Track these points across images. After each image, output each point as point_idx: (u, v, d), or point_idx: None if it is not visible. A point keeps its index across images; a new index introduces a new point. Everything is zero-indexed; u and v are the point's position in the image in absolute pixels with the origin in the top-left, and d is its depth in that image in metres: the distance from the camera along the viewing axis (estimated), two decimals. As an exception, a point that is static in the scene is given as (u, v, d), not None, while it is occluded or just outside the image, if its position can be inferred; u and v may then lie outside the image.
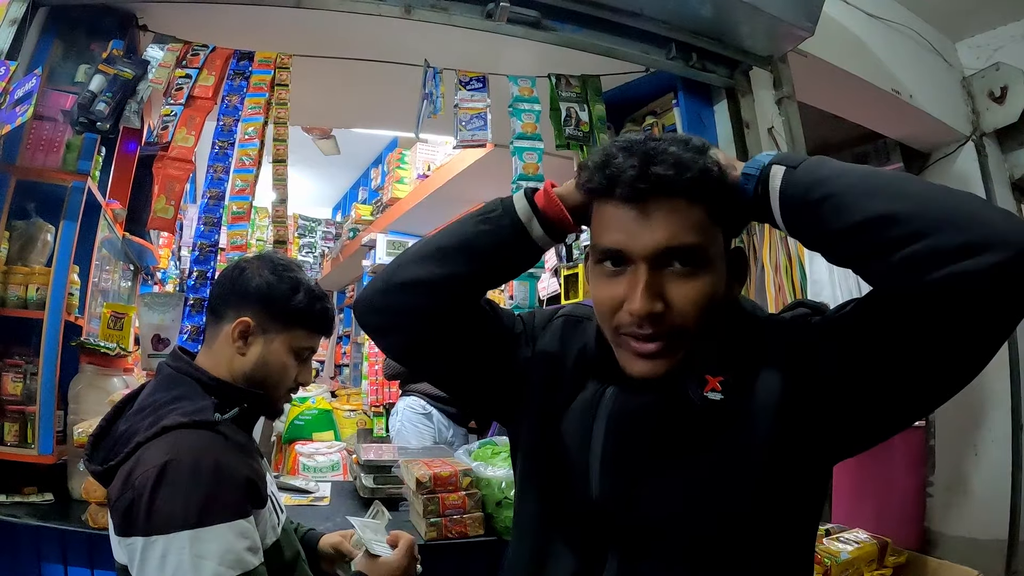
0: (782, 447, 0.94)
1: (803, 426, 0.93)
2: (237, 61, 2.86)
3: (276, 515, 1.45)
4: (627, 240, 0.93)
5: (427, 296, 1.07)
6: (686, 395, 0.97)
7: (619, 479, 1.01)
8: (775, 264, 2.63)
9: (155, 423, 1.26)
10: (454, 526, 2.24)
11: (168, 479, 1.16)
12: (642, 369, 0.96)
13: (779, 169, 0.90)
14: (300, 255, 8.87)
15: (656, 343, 0.94)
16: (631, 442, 1.01)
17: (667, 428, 0.99)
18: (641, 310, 0.91)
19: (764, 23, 2.94)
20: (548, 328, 1.20)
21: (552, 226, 1.05)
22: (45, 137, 2.55)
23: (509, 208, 1.06)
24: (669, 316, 0.93)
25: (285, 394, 1.54)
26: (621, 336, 0.97)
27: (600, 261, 0.98)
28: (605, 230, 0.96)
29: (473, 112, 2.96)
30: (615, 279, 0.95)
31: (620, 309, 0.95)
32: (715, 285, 0.95)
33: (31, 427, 2.31)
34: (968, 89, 4.37)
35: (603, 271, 0.98)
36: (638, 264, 0.93)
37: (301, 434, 4.41)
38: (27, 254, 2.48)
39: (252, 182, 2.71)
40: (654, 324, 0.92)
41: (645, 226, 0.92)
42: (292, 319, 1.49)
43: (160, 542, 1.13)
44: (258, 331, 1.47)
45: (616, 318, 0.96)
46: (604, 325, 1.00)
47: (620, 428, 1.02)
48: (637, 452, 1.01)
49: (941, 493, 4.03)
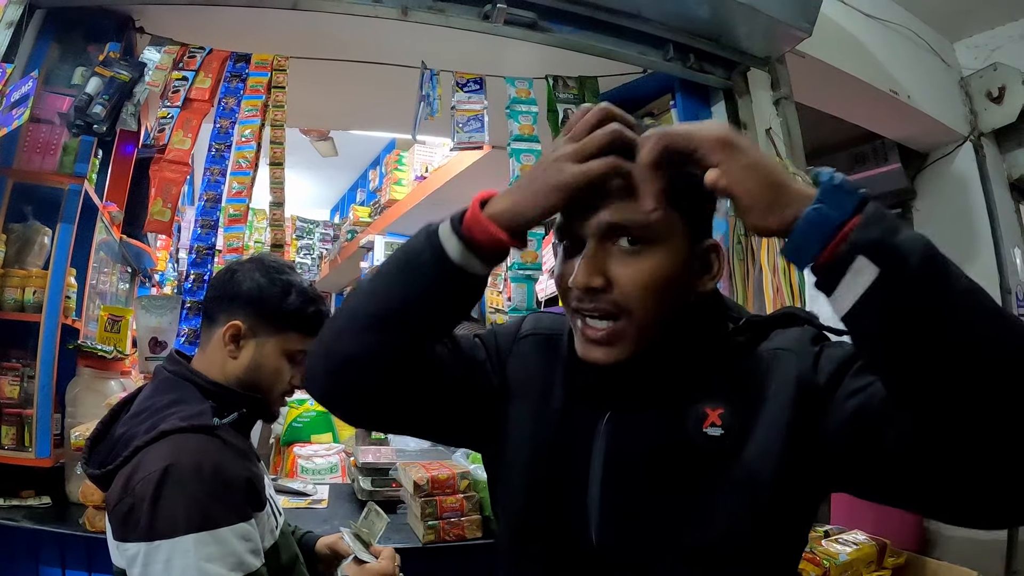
0: (785, 485, 0.90)
1: (805, 469, 0.90)
2: (234, 63, 2.86)
3: (274, 518, 1.45)
4: (576, 219, 0.92)
5: (374, 372, 0.97)
6: (685, 430, 0.94)
7: (622, 525, 0.97)
8: (773, 266, 2.63)
9: (154, 427, 1.26)
10: (452, 529, 2.24)
11: (170, 484, 1.16)
12: (595, 355, 0.93)
13: (868, 266, 0.70)
14: (298, 257, 8.86)
15: (604, 325, 0.92)
16: (632, 486, 0.97)
17: (668, 467, 0.95)
18: (580, 282, 0.89)
19: (762, 24, 2.94)
20: (515, 351, 1.13)
21: (490, 253, 0.92)
22: (42, 140, 2.55)
23: (437, 249, 0.91)
24: (611, 292, 0.90)
25: (279, 397, 1.54)
26: (575, 316, 0.95)
27: (558, 241, 0.97)
28: (566, 209, 0.92)
29: (470, 114, 2.95)
30: (570, 258, 0.94)
31: (570, 288, 0.93)
32: (667, 268, 0.91)
33: (28, 430, 2.31)
34: (966, 89, 4.38)
35: (561, 251, 0.97)
36: (589, 240, 0.91)
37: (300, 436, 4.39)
38: (24, 257, 2.48)
39: (249, 185, 2.71)
40: (594, 299, 0.91)
41: (597, 203, 0.90)
42: (284, 322, 1.49)
43: (164, 547, 1.13)
44: (249, 334, 1.46)
45: (568, 296, 0.95)
46: (564, 306, 0.98)
47: (620, 471, 0.98)
48: (639, 496, 0.96)
49: (941, 493, 4.01)
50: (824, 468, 0.89)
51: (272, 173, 2.87)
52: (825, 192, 0.74)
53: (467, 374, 1.09)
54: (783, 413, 0.90)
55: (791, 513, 0.94)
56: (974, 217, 4.17)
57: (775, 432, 0.90)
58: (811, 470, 0.89)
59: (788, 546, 0.99)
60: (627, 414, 0.99)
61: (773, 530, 0.93)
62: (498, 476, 1.13)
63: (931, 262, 0.69)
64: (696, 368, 0.96)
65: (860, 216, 0.71)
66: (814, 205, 0.73)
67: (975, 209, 4.17)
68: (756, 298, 2.69)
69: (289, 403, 4.56)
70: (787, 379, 0.92)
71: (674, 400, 0.95)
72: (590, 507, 0.98)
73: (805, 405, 0.89)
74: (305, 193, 8.96)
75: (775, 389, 0.92)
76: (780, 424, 0.90)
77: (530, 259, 2.78)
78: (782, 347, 0.95)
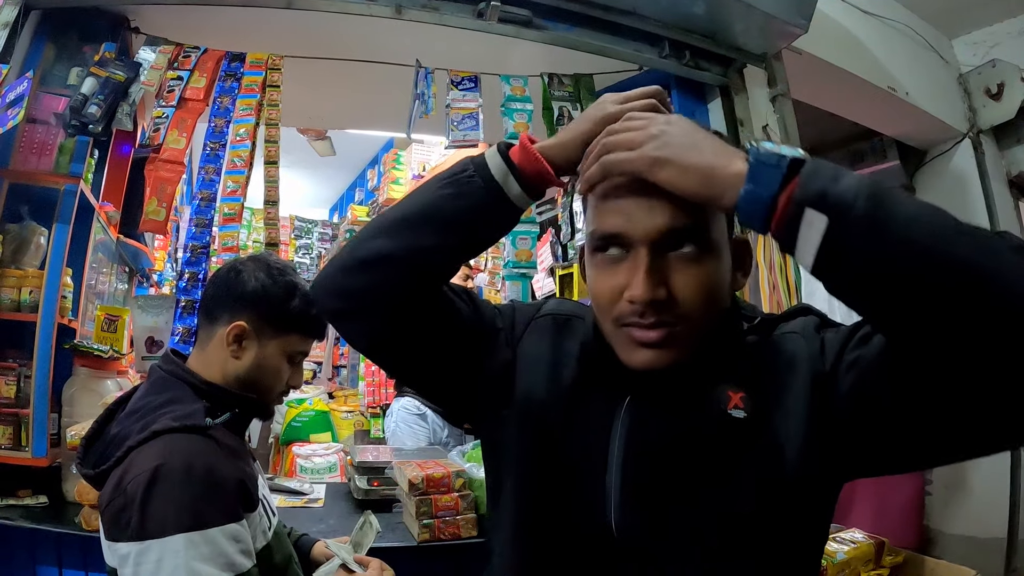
0: (808, 470, 0.88)
1: (826, 452, 0.88)
2: (228, 63, 2.86)
3: (267, 519, 1.44)
4: (627, 223, 0.87)
5: (390, 274, 0.95)
6: (708, 413, 0.91)
7: (644, 510, 0.93)
8: (769, 262, 2.62)
9: (146, 427, 1.25)
10: (447, 527, 2.24)
11: (160, 484, 1.16)
12: (643, 359, 0.89)
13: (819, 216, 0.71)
14: (296, 256, 8.85)
15: (660, 331, 0.87)
16: (655, 470, 0.93)
17: (690, 451, 0.92)
18: (643, 296, 0.85)
19: (757, 20, 2.93)
20: (531, 328, 1.10)
21: (530, 182, 0.95)
22: (37, 140, 2.55)
23: (481, 166, 0.95)
24: (673, 304, 0.86)
25: (277, 397, 1.54)
26: (621, 328, 0.90)
27: (599, 249, 0.92)
28: (603, 215, 0.90)
29: (465, 112, 2.95)
30: (615, 267, 0.90)
31: (619, 300, 0.89)
32: (720, 272, 0.90)
33: (25, 430, 2.31)
34: (965, 86, 4.36)
35: (602, 260, 0.91)
36: (639, 249, 0.87)
37: (298, 435, 4.42)
38: (20, 257, 2.47)
39: (243, 184, 2.71)
40: (657, 312, 0.86)
41: (645, 207, 0.86)
42: (287, 324, 1.49)
43: (155, 547, 1.12)
44: (253, 335, 1.46)
45: (616, 309, 0.89)
46: (603, 319, 0.93)
47: (643, 454, 0.94)
48: (661, 480, 0.93)
49: (940, 491, 4.01)
50: (841, 448, 0.87)
51: (267, 172, 2.87)
52: (752, 172, 0.77)
53: (481, 333, 1.08)
54: (801, 398, 0.89)
55: (814, 500, 0.92)
56: (973, 214, 4.13)
57: (796, 417, 0.89)
58: (831, 452, 0.88)
59: (811, 536, 0.97)
60: (648, 400, 0.96)
61: (797, 517, 0.91)
62: (500, 456, 1.08)
63: (876, 198, 0.71)
64: (717, 361, 0.94)
65: (798, 178, 0.74)
66: (744, 187, 0.77)
67: (974, 206, 4.15)
68: (752, 295, 2.69)
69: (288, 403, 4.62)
70: (799, 364, 0.91)
71: (695, 387, 0.93)
72: (609, 491, 0.95)
73: (817, 388, 0.88)
74: (303, 193, 8.98)
75: (790, 376, 0.91)
76: (799, 409, 0.89)
77: (524, 257, 2.78)
78: (789, 330, 0.95)
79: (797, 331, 0.94)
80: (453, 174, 0.97)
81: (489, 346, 1.08)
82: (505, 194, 0.95)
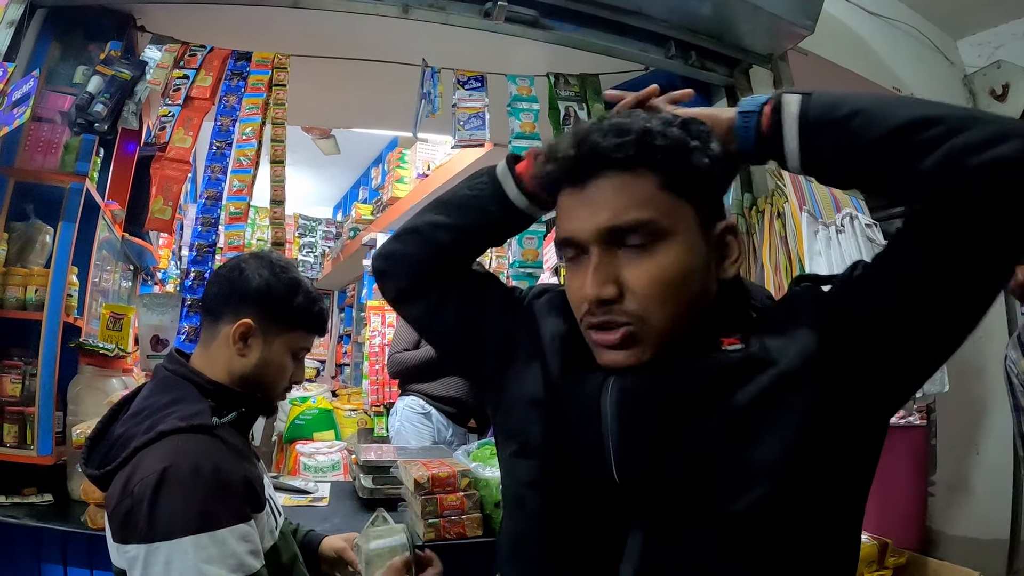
0: (819, 401, 0.85)
1: (840, 376, 0.85)
2: (235, 61, 2.86)
3: (274, 518, 1.44)
4: (575, 226, 0.90)
5: (421, 243, 1.17)
6: (703, 359, 0.89)
7: (639, 447, 0.91)
8: (775, 264, 2.62)
9: (152, 428, 1.25)
10: (452, 527, 2.24)
11: (168, 485, 1.15)
12: (608, 360, 0.91)
13: (793, 96, 0.88)
14: (300, 255, 8.87)
15: (617, 332, 0.88)
16: (648, 407, 0.91)
17: (687, 388, 0.89)
18: (590, 293, 0.87)
19: (763, 21, 2.92)
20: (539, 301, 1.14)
21: (526, 188, 1.09)
22: (43, 138, 2.55)
23: (491, 169, 1.14)
24: (625, 301, 0.87)
25: (281, 393, 1.54)
26: (588, 331, 0.92)
27: (563, 255, 0.95)
28: (560, 221, 0.94)
29: (471, 111, 2.95)
30: (576, 270, 0.92)
31: (581, 303, 0.91)
32: (681, 262, 0.88)
33: (30, 428, 2.31)
34: (970, 87, 4.34)
35: (568, 265, 0.95)
36: (591, 248, 0.89)
37: (302, 434, 4.42)
38: (26, 256, 2.47)
39: (250, 183, 2.71)
40: (608, 312, 0.88)
41: (588, 208, 0.89)
42: (292, 321, 1.49)
43: (164, 549, 1.12)
44: (258, 333, 1.45)
45: (580, 311, 0.92)
46: (578, 321, 0.95)
47: (635, 394, 0.91)
48: (655, 416, 0.90)
49: (942, 492, 4.00)
50: (862, 367, 0.85)
51: (273, 171, 2.86)
52: (740, 110, 0.94)
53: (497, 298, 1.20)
54: (807, 330, 0.88)
55: (832, 438, 0.86)
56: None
57: (802, 346, 0.87)
58: (849, 381, 0.85)
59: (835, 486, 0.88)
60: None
61: (813, 456, 0.85)
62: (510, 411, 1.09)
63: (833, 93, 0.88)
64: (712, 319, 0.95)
65: (773, 96, 0.91)
66: (737, 124, 0.93)
67: (979, 208, 4.13)
68: (757, 296, 2.68)
69: (292, 401, 4.63)
70: (801, 305, 0.93)
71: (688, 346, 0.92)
72: (605, 436, 0.92)
73: (827, 316, 0.88)
74: (308, 191, 8.97)
75: (792, 318, 0.91)
76: (806, 339, 0.87)
77: (531, 257, 2.77)
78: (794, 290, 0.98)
79: (801, 290, 0.97)
80: (472, 174, 1.19)
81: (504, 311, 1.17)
82: (504, 191, 1.11)
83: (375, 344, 5.59)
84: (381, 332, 5.60)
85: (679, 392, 0.90)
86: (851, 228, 2.59)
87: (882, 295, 0.85)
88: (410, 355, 4.18)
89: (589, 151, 0.88)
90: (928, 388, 2.62)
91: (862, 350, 0.85)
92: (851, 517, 0.93)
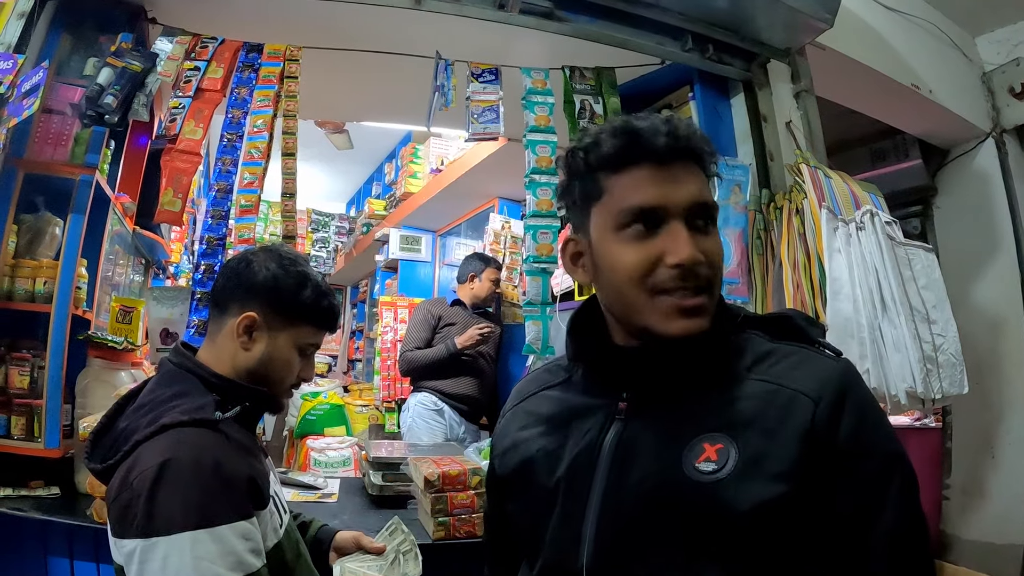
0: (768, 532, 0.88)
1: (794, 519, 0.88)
2: (246, 53, 2.83)
3: (278, 515, 1.42)
4: (663, 197, 0.95)
5: None
6: (680, 465, 0.92)
7: (612, 557, 0.95)
8: (793, 262, 2.57)
9: (154, 421, 1.23)
10: (463, 526, 2.21)
11: (167, 479, 1.13)
12: (681, 327, 0.94)
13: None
14: (313, 250, 8.87)
15: (701, 297, 0.95)
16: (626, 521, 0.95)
17: (660, 504, 0.93)
18: (692, 257, 0.93)
19: (782, 14, 2.87)
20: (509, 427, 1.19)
21: None
22: (53, 131, 2.54)
23: None
24: (706, 269, 0.95)
25: (287, 390, 1.52)
26: (658, 297, 0.95)
27: (629, 224, 0.97)
28: (635, 192, 0.97)
29: (485, 104, 2.90)
30: (647, 240, 0.96)
31: (656, 268, 0.95)
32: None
33: (38, 421, 2.31)
34: (988, 84, 4.29)
35: (631, 234, 0.97)
36: (673, 220, 0.95)
37: (313, 429, 4.44)
38: (35, 248, 2.47)
39: (261, 175, 2.68)
40: (695, 276, 0.94)
41: (677, 184, 0.96)
42: (299, 315, 1.47)
43: (161, 544, 1.10)
44: (263, 326, 1.43)
45: (653, 277, 0.95)
46: (634, 292, 0.97)
47: (617, 503, 0.96)
48: (631, 532, 0.94)
49: (957, 496, 3.97)
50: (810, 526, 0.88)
51: (284, 164, 2.84)
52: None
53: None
54: (786, 460, 0.88)
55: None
56: (996, 215, 4.08)
57: (772, 476, 0.88)
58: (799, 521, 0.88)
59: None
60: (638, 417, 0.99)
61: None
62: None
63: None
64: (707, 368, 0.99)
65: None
66: None
67: (997, 207, 4.09)
68: (775, 294, 2.64)
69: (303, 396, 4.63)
70: (800, 425, 0.90)
71: (680, 418, 0.97)
72: (584, 535, 0.97)
73: (814, 457, 0.88)
74: (321, 186, 8.96)
75: (785, 434, 0.90)
76: (779, 470, 0.88)
77: (545, 252, 2.73)
78: (800, 390, 0.93)
79: (807, 394, 0.92)
80: None
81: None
82: None
83: (387, 340, 5.59)
84: (393, 328, 5.61)
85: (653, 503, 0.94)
86: (871, 225, 2.55)
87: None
88: (421, 354, 4.18)
89: (684, 138, 0.97)
90: (948, 389, 2.57)
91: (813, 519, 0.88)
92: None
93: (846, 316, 2.43)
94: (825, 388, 0.91)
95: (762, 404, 0.93)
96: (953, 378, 2.63)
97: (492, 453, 1.23)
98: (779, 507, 0.86)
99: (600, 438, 1.01)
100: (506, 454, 1.16)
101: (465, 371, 4.22)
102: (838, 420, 0.89)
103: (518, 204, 5.12)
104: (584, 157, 1.02)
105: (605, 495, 0.97)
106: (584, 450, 1.02)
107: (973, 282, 4.03)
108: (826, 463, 0.87)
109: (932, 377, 2.51)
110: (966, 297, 3.94)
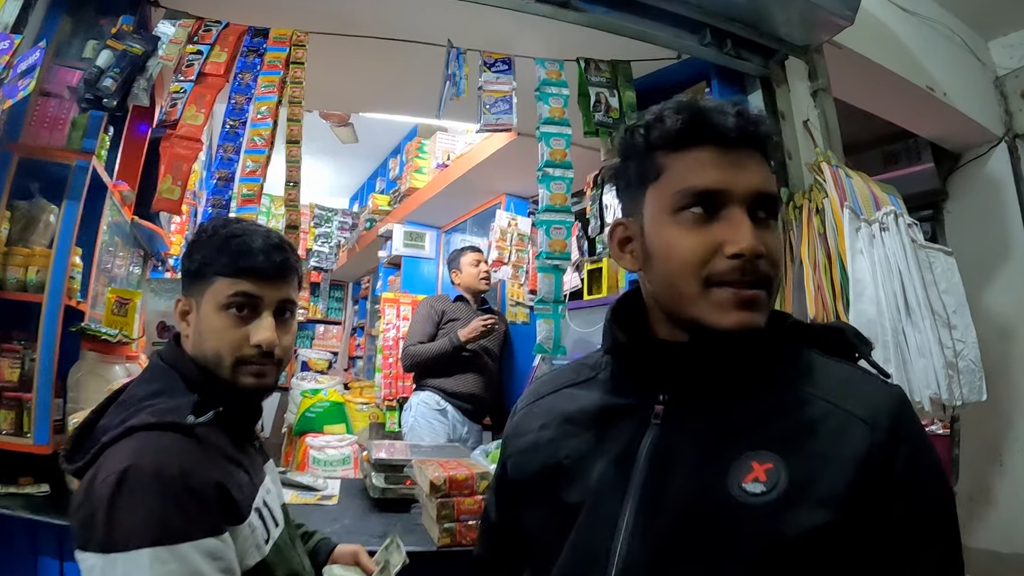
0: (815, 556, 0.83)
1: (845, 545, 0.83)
2: (251, 38, 2.74)
3: (263, 530, 1.26)
4: (726, 180, 0.90)
5: None
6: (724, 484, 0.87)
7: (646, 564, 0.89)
8: (814, 262, 2.50)
9: (124, 421, 1.13)
10: (469, 532, 2.11)
11: (127, 488, 1.02)
12: (737, 320, 0.89)
13: None
14: (315, 245, 8.76)
15: (758, 290, 0.90)
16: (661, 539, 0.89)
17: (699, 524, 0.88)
18: (753, 247, 0.87)
19: (801, 10, 2.82)
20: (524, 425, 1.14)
21: None
22: (50, 114, 2.46)
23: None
24: (766, 264, 0.90)
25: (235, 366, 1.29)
26: (713, 288, 0.90)
27: (687, 207, 0.92)
28: (697, 172, 0.92)
29: (498, 95, 2.83)
30: (705, 226, 0.91)
31: (713, 257, 0.89)
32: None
33: (27, 415, 2.22)
34: (1001, 89, 4.27)
35: (689, 218, 0.92)
36: (734, 207, 0.90)
37: (312, 426, 4.38)
38: (28, 235, 2.39)
39: (264, 163, 2.60)
40: (755, 268, 0.89)
41: (742, 170, 0.91)
42: (206, 269, 1.30)
43: (120, 561, 0.99)
44: (191, 304, 1.32)
45: (710, 266, 0.90)
46: (687, 281, 0.91)
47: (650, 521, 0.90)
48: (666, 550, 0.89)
49: (964, 503, 3.93)
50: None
51: (288, 151, 2.77)
52: None
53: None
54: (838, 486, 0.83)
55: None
56: (1007, 220, 4.07)
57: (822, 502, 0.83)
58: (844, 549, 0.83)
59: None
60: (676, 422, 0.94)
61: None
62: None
63: None
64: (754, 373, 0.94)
65: None
66: None
67: (1008, 212, 4.07)
68: (796, 295, 2.57)
69: (303, 393, 4.55)
70: (854, 452, 0.84)
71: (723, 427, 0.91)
72: (613, 551, 0.91)
73: (867, 485, 0.83)
74: (324, 181, 8.88)
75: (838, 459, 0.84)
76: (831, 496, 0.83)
77: (559, 248, 2.65)
78: (854, 412, 0.87)
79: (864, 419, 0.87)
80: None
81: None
82: None
83: (389, 337, 5.53)
84: (395, 325, 5.54)
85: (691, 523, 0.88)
86: (895, 226, 2.48)
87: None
88: (425, 348, 4.11)
89: (753, 123, 0.92)
90: (968, 396, 2.51)
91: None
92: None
93: (869, 318, 2.36)
94: (880, 414, 0.87)
95: (814, 423, 0.88)
96: (973, 385, 2.57)
97: (504, 452, 1.16)
98: (827, 534, 0.81)
99: (635, 445, 0.95)
100: (524, 455, 1.09)
101: (469, 368, 4.16)
102: (895, 451, 0.84)
103: (525, 201, 5.09)
104: (645, 134, 0.96)
105: (639, 509, 0.91)
106: (617, 458, 0.95)
107: (983, 288, 4.01)
108: (879, 494, 0.83)
109: (954, 384, 2.45)
110: (975, 303, 3.88)
